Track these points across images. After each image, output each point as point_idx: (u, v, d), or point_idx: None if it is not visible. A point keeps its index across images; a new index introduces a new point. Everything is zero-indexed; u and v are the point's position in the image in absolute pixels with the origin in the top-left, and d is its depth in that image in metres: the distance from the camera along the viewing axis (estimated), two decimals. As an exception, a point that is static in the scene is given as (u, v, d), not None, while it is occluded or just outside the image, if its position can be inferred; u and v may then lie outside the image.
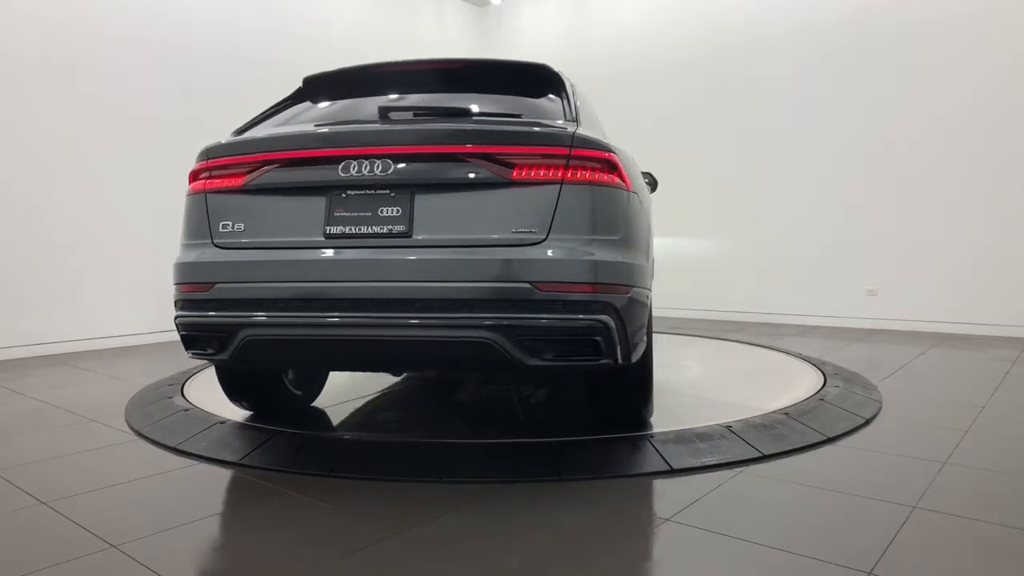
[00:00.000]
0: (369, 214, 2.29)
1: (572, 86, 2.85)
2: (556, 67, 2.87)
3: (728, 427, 2.79)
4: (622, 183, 2.38)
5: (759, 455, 2.59)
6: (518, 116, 2.56)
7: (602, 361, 2.27)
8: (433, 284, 2.19)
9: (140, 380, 4.10)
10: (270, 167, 2.40)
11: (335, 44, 7.40)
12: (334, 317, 2.24)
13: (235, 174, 2.45)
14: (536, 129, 2.36)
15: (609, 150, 2.37)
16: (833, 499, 2.22)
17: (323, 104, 2.94)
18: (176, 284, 2.49)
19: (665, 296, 6.64)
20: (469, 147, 2.27)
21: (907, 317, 6.38)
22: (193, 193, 2.54)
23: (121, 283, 5.70)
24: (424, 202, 2.27)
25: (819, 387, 3.57)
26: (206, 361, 2.50)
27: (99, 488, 2.38)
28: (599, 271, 2.22)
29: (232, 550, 1.92)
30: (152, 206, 5.74)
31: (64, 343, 5.37)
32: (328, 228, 2.32)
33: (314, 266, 2.29)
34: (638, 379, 2.70)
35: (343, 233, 2.31)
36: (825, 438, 2.82)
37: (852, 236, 6.66)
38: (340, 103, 2.90)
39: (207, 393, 3.58)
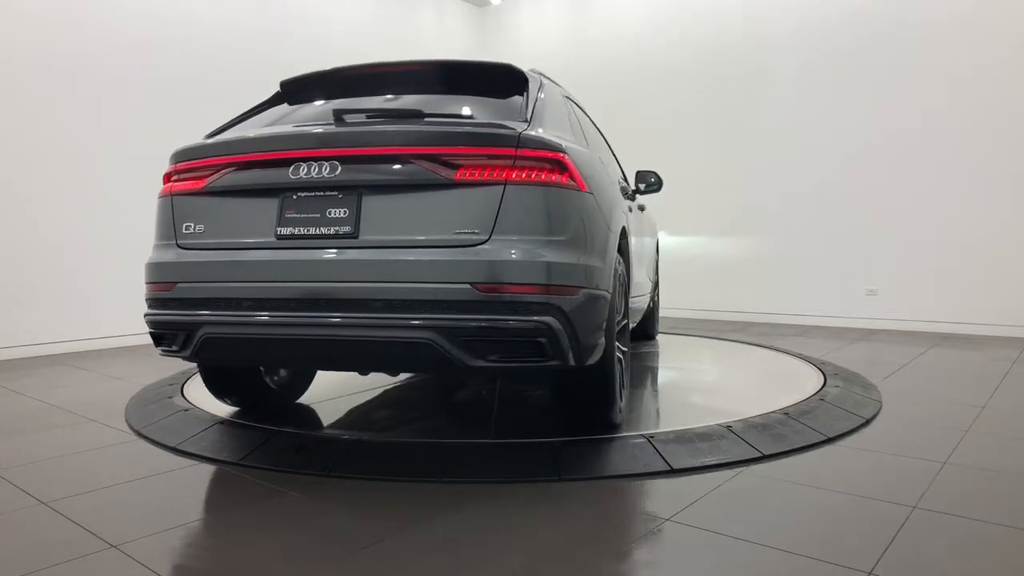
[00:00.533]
0: (318, 215, 2.34)
1: (542, 86, 2.83)
2: (522, 67, 2.88)
3: (728, 427, 2.79)
4: (574, 183, 2.36)
5: (759, 455, 2.59)
6: (471, 117, 2.55)
7: (549, 363, 2.26)
8: (376, 285, 2.23)
9: (140, 380, 4.10)
10: (228, 170, 2.47)
11: (335, 44, 7.41)
12: (283, 317, 2.29)
13: (198, 177, 2.53)
14: (480, 130, 2.36)
15: (559, 150, 2.35)
16: (833, 499, 2.22)
17: (297, 107, 2.98)
18: (145, 283, 2.60)
19: (665, 296, 6.65)
20: (414, 149, 2.29)
21: (907, 317, 6.38)
22: (162, 196, 2.65)
23: (120, 283, 5.69)
24: (371, 203, 2.31)
25: (819, 387, 3.57)
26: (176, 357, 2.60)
27: (99, 488, 2.38)
28: (541, 272, 2.21)
29: (232, 550, 1.91)
30: (151, 206, 5.73)
31: (64, 343, 5.37)
32: (279, 229, 2.37)
33: (266, 266, 2.35)
34: (600, 381, 2.62)
35: (293, 234, 2.36)
36: (825, 438, 2.82)
37: (852, 236, 6.66)
38: (311, 106, 2.93)
39: (207, 393, 3.58)
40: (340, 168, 2.31)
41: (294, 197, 2.37)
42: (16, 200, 5.18)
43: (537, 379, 3.74)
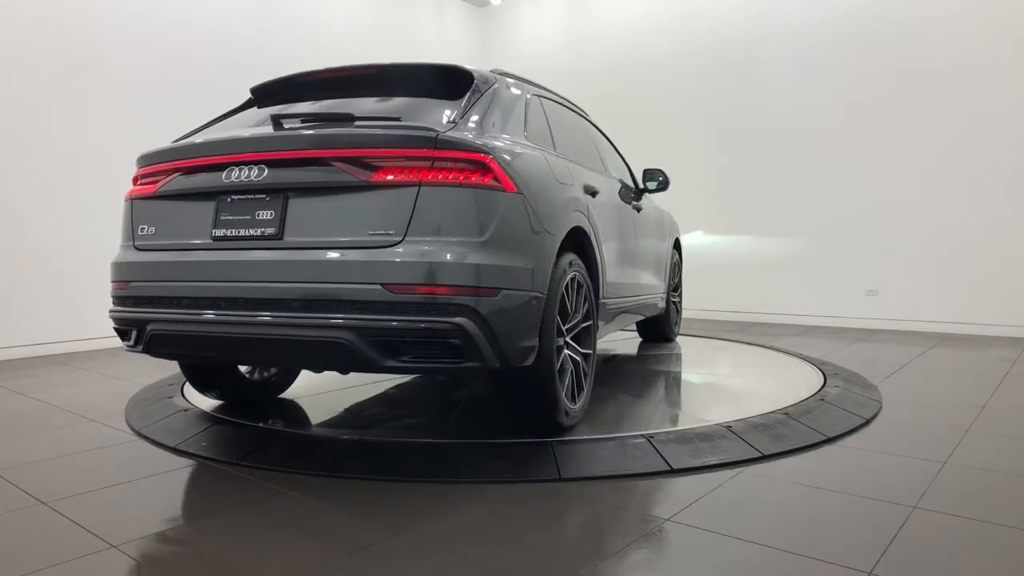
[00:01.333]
0: (248, 217, 2.43)
1: (493, 86, 2.82)
2: (475, 67, 2.89)
3: (728, 427, 2.79)
4: (499, 184, 2.35)
5: (759, 455, 2.59)
6: (404, 119, 2.55)
7: (466, 364, 2.27)
8: (295, 285, 2.29)
9: (140, 380, 4.11)
10: (175, 175, 2.61)
11: (335, 44, 7.41)
12: (216, 315, 2.40)
13: (152, 182, 2.69)
14: (396, 132, 2.38)
15: (481, 151, 2.35)
16: (833, 499, 2.22)
17: (263, 111, 3.02)
18: (110, 281, 2.76)
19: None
20: (333, 152, 2.33)
21: (907, 317, 6.38)
22: (125, 199, 2.81)
23: (121, 283, 5.70)
24: (296, 205, 2.37)
25: (819, 387, 3.57)
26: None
27: (99, 488, 2.38)
28: (453, 273, 2.21)
29: (232, 550, 1.91)
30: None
31: (64, 343, 5.37)
32: (215, 231, 2.48)
33: (202, 267, 2.47)
34: (538, 383, 2.58)
35: (226, 236, 2.46)
36: (825, 438, 2.82)
37: (852, 236, 6.66)
38: (270, 110, 2.96)
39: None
40: (267, 171, 2.39)
41: (228, 200, 2.47)
42: (16, 200, 5.18)
43: (478, 378, 3.76)
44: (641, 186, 4.42)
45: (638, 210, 4.17)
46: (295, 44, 6.97)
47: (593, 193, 3.21)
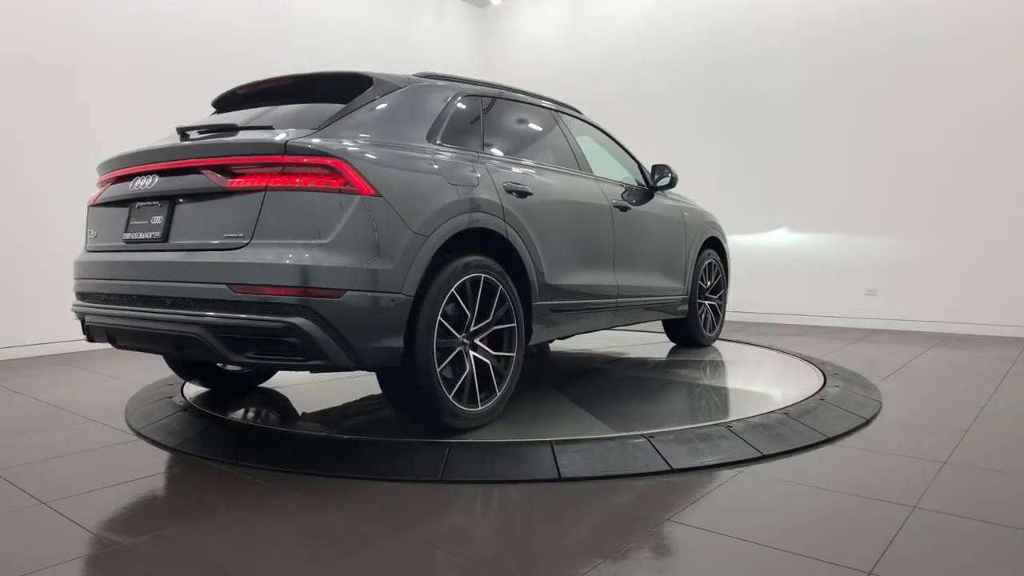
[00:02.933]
0: (146, 222, 2.69)
1: (393, 90, 2.88)
2: (377, 72, 2.95)
3: (728, 427, 2.79)
4: (352, 187, 2.40)
5: (759, 455, 2.59)
6: (269, 127, 2.66)
7: (311, 363, 2.36)
8: (169, 283, 2.52)
9: (140, 380, 4.10)
10: (108, 184, 2.93)
11: (335, 44, 7.41)
12: (120, 309, 2.69)
13: (99, 191, 3.01)
14: (252, 140, 2.54)
15: (331, 155, 2.40)
16: (833, 499, 2.22)
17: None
18: None
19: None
20: (204, 160, 2.52)
21: (907, 317, 6.38)
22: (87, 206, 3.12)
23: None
24: (179, 211, 2.60)
25: (819, 387, 3.56)
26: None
27: (99, 488, 2.38)
28: (290, 274, 2.30)
29: (232, 550, 1.91)
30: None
31: (64, 343, 5.37)
32: (125, 235, 2.77)
33: (115, 267, 2.77)
34: (415, 384, 2.61)
35: (132, 239, 2.74)
36: (825, 438, 2.82)
37: (852, 236, 6.66)
38: (211, 119, 3.16)
39: (207, 393, 3.58)
40: (157, 180, 2.64)
41: (136, 207, 2.75)
42: (17, 200, 5.18)
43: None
44: (652, 184, 4.31)
45: (627, 209, 3.94)
46: (295, 44, 6.97)
47: (522, 194, 3.10)
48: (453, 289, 2.69)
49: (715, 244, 5.09)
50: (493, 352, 2.93)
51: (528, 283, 3.09)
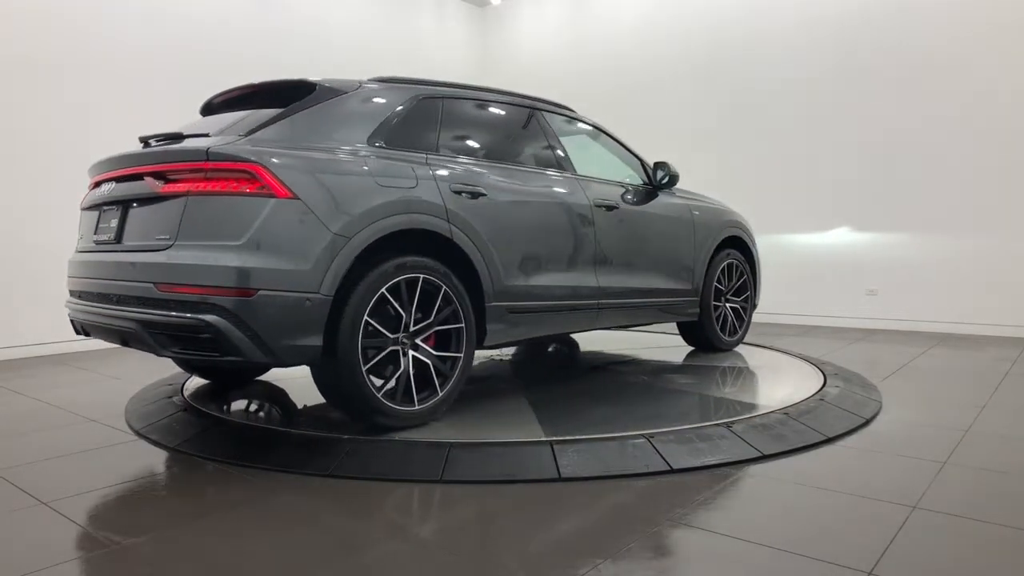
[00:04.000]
0: (107, 225, 2.89)
1: (337, 96, 2.96)
2: (322, 79, 3.02)
3: (728, 427, 2.79)
4: (268, 191, 2.49)
5: (759, 455, 2.59)
6: (205, 135, 2.81)
7: (227, 358, 2.48)
8: (114, 281, 2.73)
9: (140, 380, 4.11)
10: (90, 189, 3.14)
11: (336, 44, 7.41)
12: (87, 305, 2.90)
13: (86, 196, 3.21)
14: (178, 148, 2.71)
15: (249, 160, 2.50)
16: (833, 499, 2.22)
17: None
18: None
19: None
20: (145, 168, 2.73)
21: (907, 317, 6.38)
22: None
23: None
24: (130, 215, 2.80)
25: (819, 387, 3.56)
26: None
27: (99, 488, 2.39)
28: (203, 274, 2.44)
29: (232, 550, 1.91)
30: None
31: (64, 343, 5.37)
32: (95, 237, 2.98)
33: (86, 266, 2.96)
34: (338, 379, 2.67)
35: (99, 240, 2.93)
36: (825, 438, 2.82)
37: (852, 236, 6.66)
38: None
39: (206, 393, 3.58)
40: (115, 186, 2.86)
41: (103, 210, 2.95)
42: (17, 200, 5.18)
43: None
44: (656, 182, 4.21)
45: (615, 208, 3.83)
46: (295, 44, 6.97)
47: (474, 195, 3.09)
48: (384, 289, 2.72)
49: (738, 244, 4.88)
50: (436, 352, 2.94)
51: (480, 284, 3.09)
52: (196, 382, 3.87)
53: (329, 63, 7.19)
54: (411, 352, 2.83)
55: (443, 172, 3.04)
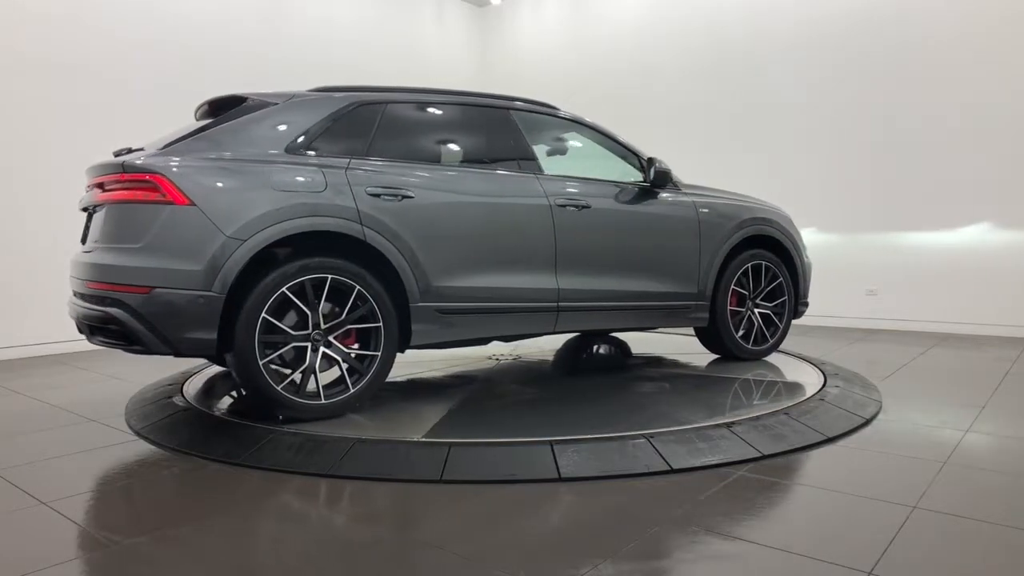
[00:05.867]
0: (85, 229, 3.21)
1: (263, 108, 3.15)
2: (253, 92, 3.27)
3: (728, 427, 2.79)
4: (166, 198, 2.77)
5: (759, 455, 2.59)
6: (140, 149, 3.06)
7: (134, 347, 2.80)
8: (76, 279, 3.06)
9: (140, 380, 4.11)
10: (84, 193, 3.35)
11: (335, 44, 7.40)
12: (72, 301, 3.16)
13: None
14: (106, 162, 2.98)
15: (150, 171, 2.80)
16: (833, 499, 2.22)
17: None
18: None
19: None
20: (95, 179, 3.02)
21: (907, 317, 6.38)
22: None
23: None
24: (92, 219, 3.12)
25: (819, 387, 3.56)
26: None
27: (99, 488, 2.39)
28: (104, 273, 2.81)
29: (232, 550, 1.92)
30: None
31: (64, 343, 5.36)
32: (82, 240, 3.24)
33: (75, 266, 3.15)
34: (239, 373, 2.89)
35: (81, 241, 3.23)
36: (825, 438, 2.82)
37: (852, 236, 6.65)
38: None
39: (207, 393, 3.58)
40: (85, 193, 3.19)
41: (86, 215, 3.26)
42: (17, 200, 5.18)
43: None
44: (652, 179, 3.99)
45: (584, 207, 3.70)
46: (295, 44, 6.96)
47: (397, 197, 3.12)
48: (285, 288, 2.89)
49: (769, 243, 4.48)
50: (348, 350, 3.09)
51: (402, 283, 3.13)
52: (196, 382, 3.87)
53: (329, 63, 7.20)
54: (322, 348, 3.01)
55: (361, 176, 3.11)
